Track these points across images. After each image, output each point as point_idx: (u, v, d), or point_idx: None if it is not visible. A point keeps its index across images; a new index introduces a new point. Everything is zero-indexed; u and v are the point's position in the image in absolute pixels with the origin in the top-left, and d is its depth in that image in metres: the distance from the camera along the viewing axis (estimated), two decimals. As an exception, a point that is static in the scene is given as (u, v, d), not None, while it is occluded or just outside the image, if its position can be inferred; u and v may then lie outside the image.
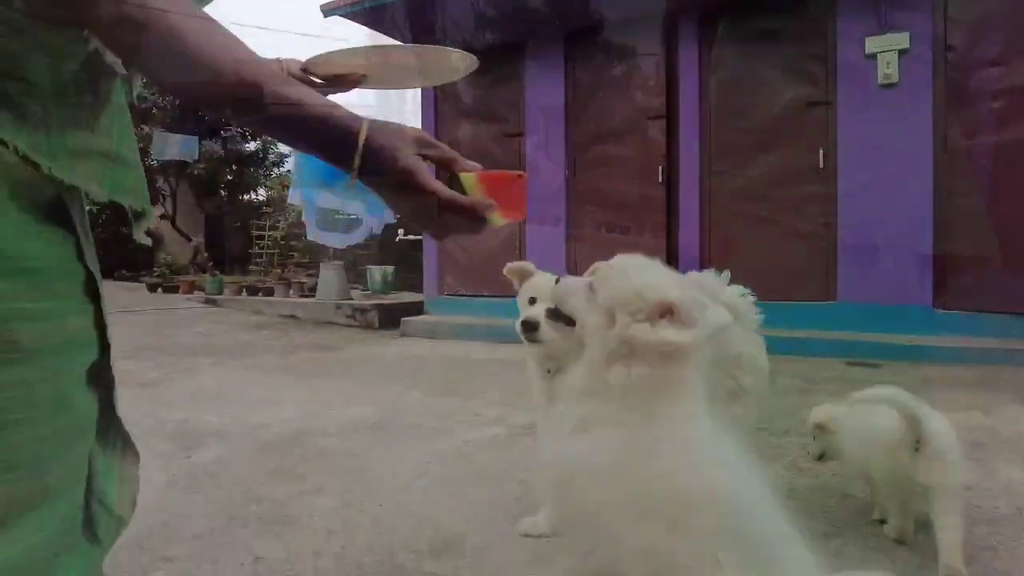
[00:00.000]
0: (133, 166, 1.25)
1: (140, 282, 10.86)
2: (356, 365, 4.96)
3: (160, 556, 1.68)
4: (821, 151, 5.68)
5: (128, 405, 2.55)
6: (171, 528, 1.85)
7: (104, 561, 1.22)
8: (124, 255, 13.21)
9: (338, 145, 0.83)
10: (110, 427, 1.36)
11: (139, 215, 1.33)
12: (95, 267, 1.25)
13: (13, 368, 0.94)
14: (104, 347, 1.27)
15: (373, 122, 0.84)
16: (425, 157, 0.85)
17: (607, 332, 0.92)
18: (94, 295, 1.21)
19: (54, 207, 1.10)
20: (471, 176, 0.83)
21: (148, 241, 1.33)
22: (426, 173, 0.82)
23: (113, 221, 13.70)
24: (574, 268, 6.60)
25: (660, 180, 6.24)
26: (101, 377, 1.29)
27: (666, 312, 0.90)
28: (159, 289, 10.27)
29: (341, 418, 3.19)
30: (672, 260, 6.21)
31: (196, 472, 2.35)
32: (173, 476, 2.30)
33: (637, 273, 0.96)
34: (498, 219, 0.83)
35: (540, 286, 1.60)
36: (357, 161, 0.81)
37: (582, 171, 6.63)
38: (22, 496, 1.01)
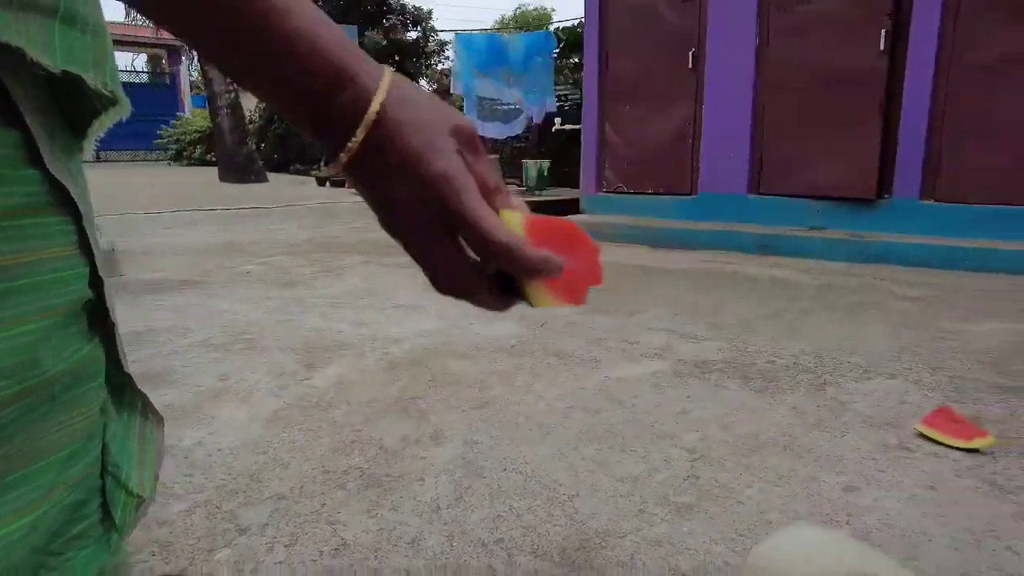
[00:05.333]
0: (96, 31, 0.71)
1: (311, 176, 11.29)
2: (505, 269, 4.58)
3: (236, 524, 1.39)
4: None
5: (270, 308, 2.23)
6: (259, 482, 1.57)
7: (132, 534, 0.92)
8: (300, 149, 13.87)
9: (326, 102, 0.47)
10: (125, 386, 0.96)
11: (108, 101, 0.82)
12: (65, 172, 0.78)
13: None
14: (96, 282, 0.81)
15: (399, 80, 0.49)
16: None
17: None
18: (72, 212, 0.75)
19: None
20: (516, 218, 0.52)
21: (95, 140, 0.83)
22: (473, 193, 0.50)
23: (289, 116, 14.37)
24: (758, 162, 5.60)
25: (882, 48, 4.93)
26: (99, 322, 0.85)
27: None
28: (327, 183, 10.59)
29: (481, 336, 2.82)
30: (891, 152, 5.02)
31: (310, 401, 2.08)
32: (285, 405, 2.05)
33: (820, 561, 0.66)
34: (545, 298, 0.52)
35: None
36: (359, 136, 0.47)
37: (778, 38, 5.44)
38: None
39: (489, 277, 0.53)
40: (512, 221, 0.54)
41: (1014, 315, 3.19)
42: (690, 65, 5.89)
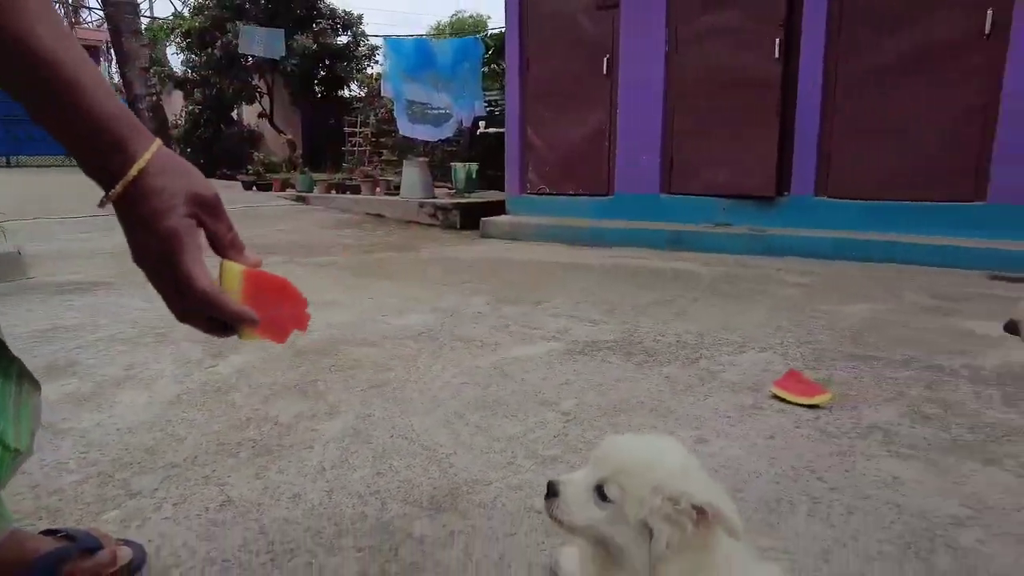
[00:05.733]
0: None
1: (237, 180, 11.11)
2: (428, 267, 4.71)
3: (127, 490, 1.47)
4: (990, 13, 4.56)
5: None
6: (153, 454, 1.65)
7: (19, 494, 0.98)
8: (226, 153, 13.59)
9: (102, 159, 0.65)
10: (2, 355, 1.06)
11: None
12: None
13: None
14: None
15: (162, 153, 0.66)
16: (200, 223, 0.69)
17: (645, 544, 0.77)
18: None
19: None
20: (236, 270, 0.71)
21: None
22: (191, 248, 0.67)
23: (215, 119, 14.05)
24: (669, 163, 5.91)
25: (776, 55, 5.31)
26: None
27: (703, 515, 0.76)
28: (254, 187, 10.45)
29: (392, 325, 2.93)
30: (787, 151, 5.40)
31: (212, 384, 2.16)
32: (187, 389, 2.12)
33: (657, 470, 0.79)
34: (249, 333, 0.71)
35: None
36: (118, 189, 0.64)
37: (685, 45, 5.77)
38: None
39: (203, 314, 0.69)
40: (231, 272, 0.70)
41: (881, 298, 3.53)
42: (605, 71, 6.16)
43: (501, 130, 7.57)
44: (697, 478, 0.80)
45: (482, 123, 8.93)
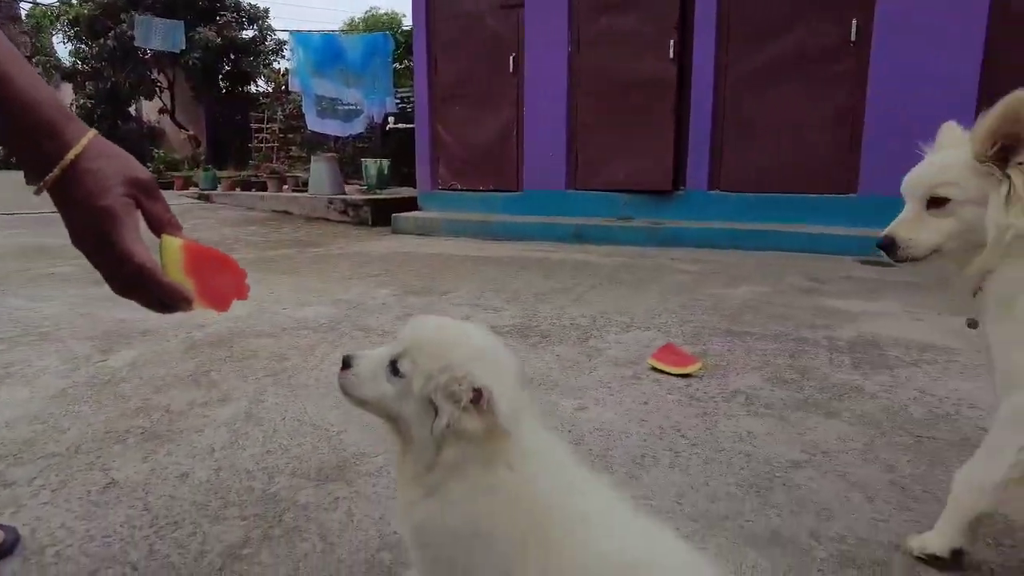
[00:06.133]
0: None
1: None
2: (334, 262, 4.68)
3: (1, 481, 1.44)
4: (855, 22, 4.99)
5: (72, 304, 2.24)
6: (32, 446, 1.62)
7: None
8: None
9: (36, 146, 0.67)
10: None
11: None
12: None
13: None
14: None
15: (98, 140, 0.70)
16: (138, 204, 0.72)
17: (428, 422, 0.75)
18: None
19: None
20: (175, 244, 0.73)
21: None
22: (128, 226, 0.70)
23: (110, 114, 13.30)
24: (574, 160, 6.12)
25: (671, 56, 5.60)
26: None
27: (479, 397, 0.72)
28: (154, 185, 9.97)
29: (291, 317, 2.93)
30: (682, 147, 5.70)
31: (101, 378, 2.12)
32: (73, 383, 2.07)
33: (453, 350, 0.77)
34: (195, 304, 0.75)
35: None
36: (55, 172, 0.66)
37: (586, 46, 5.98)
38: None
39: (144, 288, 0.71)
40: (171, 246, 0.75)
41: (763, 282, 3.82)
42: (511, 70, 6.30)
43: (410, 125, 7.58)
44: (492, 365, 0.75)
45: (391, 119, 8.89)
